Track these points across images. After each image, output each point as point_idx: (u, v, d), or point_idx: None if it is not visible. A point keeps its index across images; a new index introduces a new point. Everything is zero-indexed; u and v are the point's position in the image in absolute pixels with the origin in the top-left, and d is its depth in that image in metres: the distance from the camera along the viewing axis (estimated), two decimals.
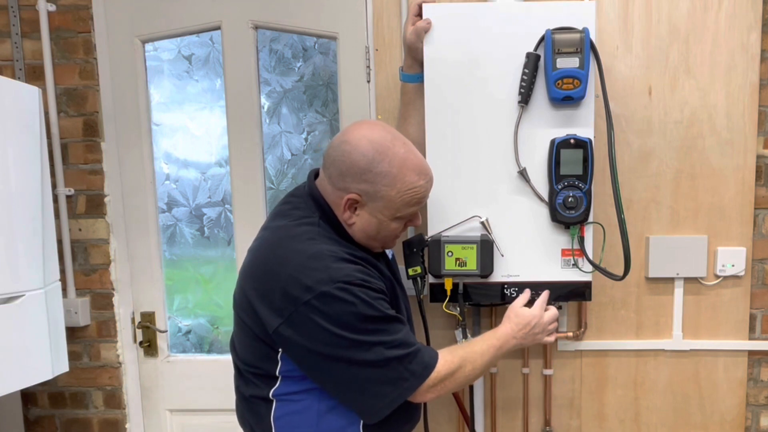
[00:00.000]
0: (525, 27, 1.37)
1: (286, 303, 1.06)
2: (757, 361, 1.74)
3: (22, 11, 1.74)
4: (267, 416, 1.15)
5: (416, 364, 1.11)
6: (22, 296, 1.49)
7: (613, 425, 1.77)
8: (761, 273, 1.71)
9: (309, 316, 1.04)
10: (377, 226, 1.15)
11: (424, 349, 1.15)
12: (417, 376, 1.11)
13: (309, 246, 1.10)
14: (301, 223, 1.14)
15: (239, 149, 1.79)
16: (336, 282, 1.05)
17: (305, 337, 1.06)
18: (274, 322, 1.06)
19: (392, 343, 1.09)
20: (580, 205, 1.39)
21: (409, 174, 1.11)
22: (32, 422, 1.92)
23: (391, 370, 1.09)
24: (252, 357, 1.16)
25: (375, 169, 1.09)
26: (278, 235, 1.15)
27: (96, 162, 1.80)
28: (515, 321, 1.31)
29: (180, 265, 1.95)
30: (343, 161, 1.11)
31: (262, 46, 1.81)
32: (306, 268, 1.06)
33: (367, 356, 1.07)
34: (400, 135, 1.15)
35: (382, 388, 1.10)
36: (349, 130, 1.14)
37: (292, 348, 1.09)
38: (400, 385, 1.10)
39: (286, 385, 1.14)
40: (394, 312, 1.13)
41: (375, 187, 1.11)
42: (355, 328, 1.06)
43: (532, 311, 1.33)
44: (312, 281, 1.05)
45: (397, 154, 1.11)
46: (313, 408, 1.14)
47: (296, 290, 1.05)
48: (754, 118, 1.63)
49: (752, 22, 1.60)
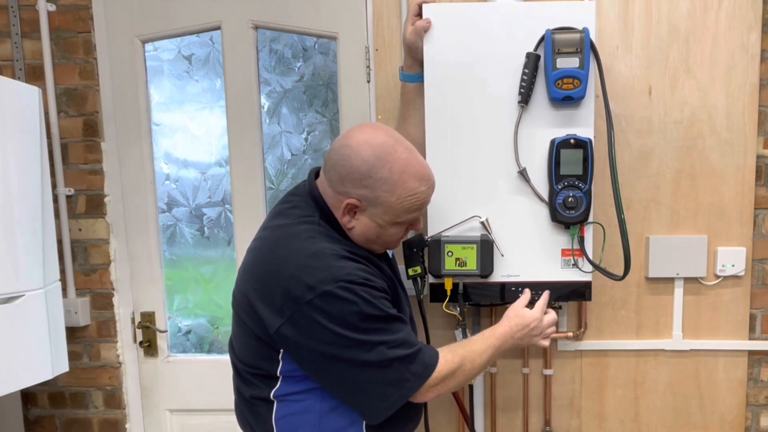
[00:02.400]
0: (525, 27, 1.37)
1: (288, 302, 1.05)
2: (757, 361, 1.74)
3: (22, 11, 1.74)
4: (268, 417, 1.14)
5: (417, 365, 1.10)
6: (22, 296, 1.49)
7: (613, 425, 1.77)
8: (761, 273, 1.71)
9: (311, 316, 1.04)
10: (377, 231, 1.15)
11: (425, 348, 1.14)
12: (418, 376, 1.11)
13: (310, 244, 1.09)
14: (301, 222, 1.14)
15: (239, 149, 1.79)
16: (338, 281, 1.04)
17: (307, 337, 1.05)
18: (276, 322, 1.06)
19: (394, 343, 1.08)
20: (580, 205, 1.39)
21: (410, 180, 1.10)
22: (32, 422, 1.92)
23: (392, 371, 1.08)
24: (252, 357, 1.15)
25: (375, 175, 1.08)
26: (278, 234, 1.14)
27: (96, 162, 1.80)
28: (515, 321, 1.30)
29: (180, 265, 1.95)
30: (343, 166, 1.09)
31: (262, 46, 1.81)
32: (307, 267, 1.05)
33: (369, 356, 1.06)
34: (403, 139, 1.14)
35: (384, 389, 1.09)
36: (351, 134, 1.12)
37: (293, 348, 1.08)
38: (402, 386, 1.10)
39: (287, 386, 1.13)
40: (395, 311, 1.12)
41: (375, 193, 1.09)
42: (357, 328, 1.05)
43: (533, 313, 1.32)
44: (314, 280, 1.04)
45: (398, 160, 1.09)
46: (314, 408, 1.13)
47: (298, 289, 1.04)
48: (754, 118, 1.63)
49: (752, 22, 1.60)
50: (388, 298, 1.13)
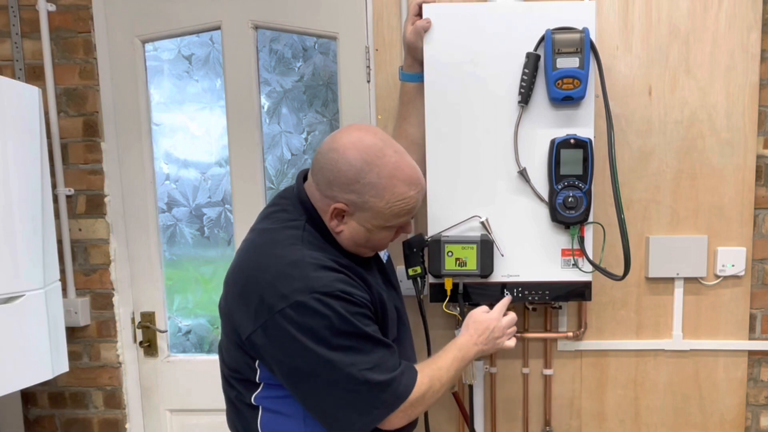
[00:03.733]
0: (525, 27, 1.38)
1: (261, 310, 1.02)
2: (757, 361, 1.74)
3: (22, 11, 1.74)
4: (254, 422, 1.13)
5: (389, 394, 1.06)
6: (22, 296, 1.49)
7: (613, 425, 1.77)
8: (761, 273, 1.71)
9: (282, 326, 1.00)
10: (366, 235, 1.11)
11: (400, 376, 1.08)
12: (388, 405, 1.06)
13: (290, 252, 1.06)
14: (285, 227, 1.11)
15: (239, 149, 1.79)
16: (312, 292, 1.00)
17: (277, 348, 1.02)
18: (248, 328, 1.03)
19: (366, 365, 1.03)
20: (580, 205, 1.39)
21: (399, 185, 1.06)
22: (32, 422, 1.92)
23: (361, 396, 1.04)
24: (234, 363, 1.13)
25: (363, 180, 1.04)
26: (263, 238, 1.12)
27: (96, 162, 1.80)
28: (473, 328, 1.28)
29: (180, 265, 1.95)
30: (330, 170, 1.06)
31: (262, 46, 1.81)
32: (285, 276, 1.02)
33: (336, 376, 1.01)
34: (392, 141, 1.10)
35: (350, 413, 1.05)
36: (338, 137, 1.08)
37: (265, 357, 1.06)
38: (369, 413, 1.05)
39: (268, 391, 1.11)
40: (373, 330, 1.07)
41: (363, 198, 1.06)
42: (328, 344, 1.00)
43: (490, 315, 1.30)
44: (288, 289, 1.00)
45: (386, 164, 1.05)
46: (299, 413, 1.10)
47: (273, 298, 1.01)
48: (754, 118, 1.63)
49: (752, 22, 1.60)
50: (369, 313, 1.08)
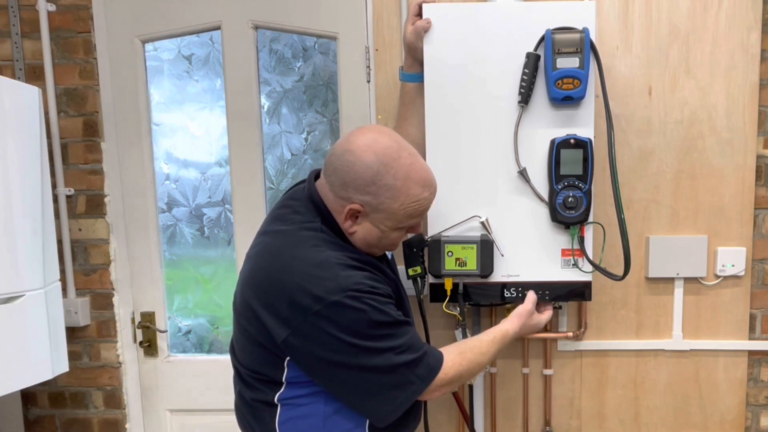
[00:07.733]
0: (525, 27, 1.37)
1: (294, 313, 1.04)
2: (757, 361, 1.74)
3: (22, 11, 1.74)
4: (272, 421, 1.14)
5: (422, 368, 1.12)
6: (22, 296, 1.49)
7: (613, 425, 1.77)
8: (761, 273, 1.71)
9: (319, 326, 1.04)
10: (378, 236, 1.14)
11: (429, 351, 1.15)
12: (423, 379, 1.12)
13: (315, 253, 1.08)
14: (303, 228, 1.12)
15: (239, 149, 1.79)
16: (346, 291, 1.04)
17: (315, 346, 1.05)
18: (282, 332, 1.05)
19: (401, 348, 1.09)
20: (580, 205, 1.39)
21: (413, 187, 1.10)
22: (32, 422, 1.92)
23: (399, 375, 1.09)
24: (256, 364, 1.14)
25: (379, 182, 1.07)
26: (280, 241, 1.13)
27: (96, 162, 1.80)
28: (526, 323, 1.38)
29: (180, 265, 1.95)
30: (346, 171, 1.08)
31: (262, 46, 1.81)
32: (313, 277, 1.05)
33: (376, 362, 1.07)
34: (406, 143, 1.13)
35: (391, 392, 1.10)
36: (353, 138, 1.10)
37: (301, 357, 1.08)
38: (407, 389, 1.11)
39: (291, 390, 1.13)
40: (402, 315, 1.13)
41: (378, 200, 1.09)
42: (365, 335, 1.05)
43: (541, 318, 1.43)
44: (321, 291, 1.03)
45: (402, 166, 1.08)
46: (318, 411, 1.13)
47: (305, 300, 1.03)
48: (754, 118, 1.63)
49: (752, 22, 1.60)
50: (394, 302, 1.14)
